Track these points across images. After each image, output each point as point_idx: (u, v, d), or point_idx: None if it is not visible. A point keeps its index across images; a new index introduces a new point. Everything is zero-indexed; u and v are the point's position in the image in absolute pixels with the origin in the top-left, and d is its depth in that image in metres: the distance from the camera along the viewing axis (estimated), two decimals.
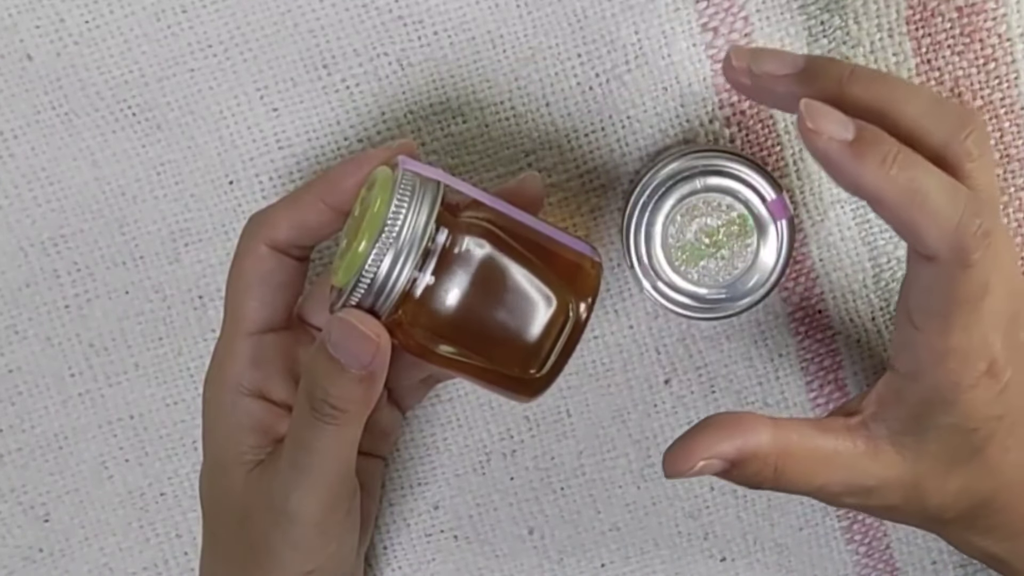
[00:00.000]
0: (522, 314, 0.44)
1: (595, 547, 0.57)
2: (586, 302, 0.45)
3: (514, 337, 0.44)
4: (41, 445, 0.56)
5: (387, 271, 0.43)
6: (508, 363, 0.45)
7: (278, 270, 0.48)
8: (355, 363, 0.44)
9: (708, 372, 0.56)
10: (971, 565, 0.58)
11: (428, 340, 0.44)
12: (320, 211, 0.47)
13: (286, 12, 0.52)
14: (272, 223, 0.47)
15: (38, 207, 0.54)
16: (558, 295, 0.44)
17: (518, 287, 0.44)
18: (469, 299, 0.44)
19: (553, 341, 0.45)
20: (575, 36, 0.52)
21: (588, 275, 0.45)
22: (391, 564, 0.57)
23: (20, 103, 0.52)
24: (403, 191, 0.43)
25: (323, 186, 0.47)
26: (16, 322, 0.55)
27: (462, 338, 0.44)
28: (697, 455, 0.45)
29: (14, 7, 0.51)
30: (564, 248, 0.45)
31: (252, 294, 0.48)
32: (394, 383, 0.52)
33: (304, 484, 0.46)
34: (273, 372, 0.48)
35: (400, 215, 0.43)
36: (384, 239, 0.42)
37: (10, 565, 0.57)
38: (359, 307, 0.44)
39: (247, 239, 0.48)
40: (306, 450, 0.45)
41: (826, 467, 0.46)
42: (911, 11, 0.52)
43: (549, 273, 0.44)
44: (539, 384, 0.45)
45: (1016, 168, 0.54)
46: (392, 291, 0.43)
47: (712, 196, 0.49)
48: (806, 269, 0.55)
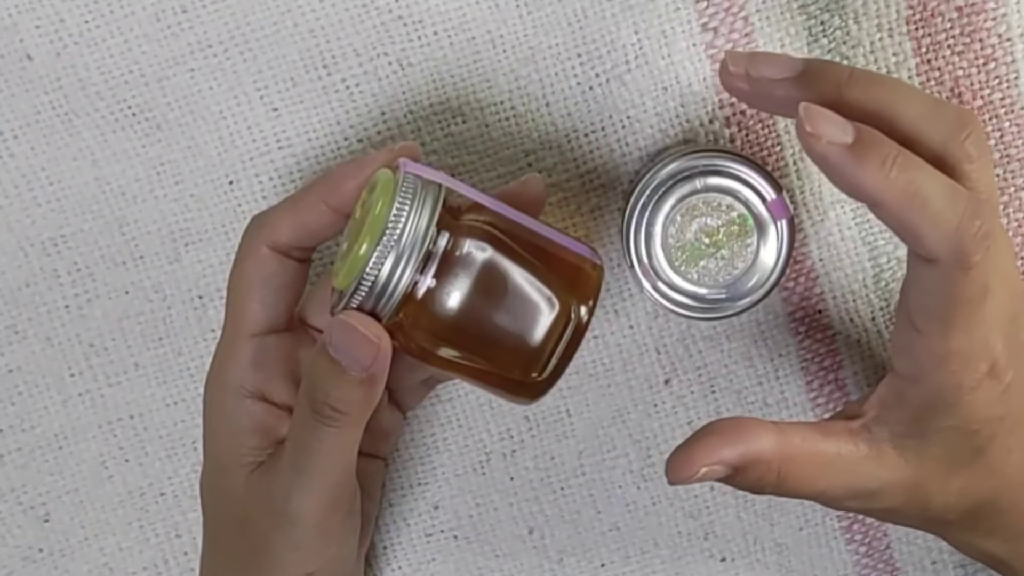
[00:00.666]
0: (523, 317, 0.44)
1: (595, 547, 0.57)
2: (587, 304, 0.45)
3: (515, 340, 0.44)
4: (41, 445, 0.56)
5: (388, 274, 0.43)
6: (509, 366, 0.45)
7: (279, 272, 0.48)
8: (356, 366, 0.44)
9: (708, 372, 0.56)
10: (971, 565, 0.58)
11: (429, 343, 0.44)
12: (321, 213, 0.47)
13: (286, 12, 0.52)
14: (273, 225, 0.47)
15: (38, 207, 0.54)
16: (559, 298, 0.44)
17: (519, 290, 0.44)
18: (470, 302, 0.44)
19: (554, 344, 0.45)
20: (575, 36, 0.52)
21: (589, 277, 0.45)
22: (391, 564, 0.57)
23: (20, 103, 0.52)
24: (405, 194, 0.43)
25: (324, 188, 0.47)
26: (16, 322, 0.55)
27: (463, 341, 0.44)
28: (699, 462, 0.45)
29: (14, 7, 0.51)
30: (565, 251, 0.45)
31: (253, 296, 0.48)
32: (395, 384, 0.52)
33: (305, 486, 0.46)
34: (274, 374, 0.48)
35: (402, 218, 0.43)
36: (386, 242, 0.42)
37: (10, 565, 0.57)
38: (360, 309, 0.44)
39: (248, 241, 0.48)
40: (307, 452, 0.45)
41: (828, 471, 0.46)
42: (911, 11, 0.52)
43: (550, 276, 0.44)
44: (540, 387, 0.45)
45: (1016, 168, 0.54)
46: (393, 294, 0.43)
47: (712, 196, 0.49)
48: (806, 269, 0.55)
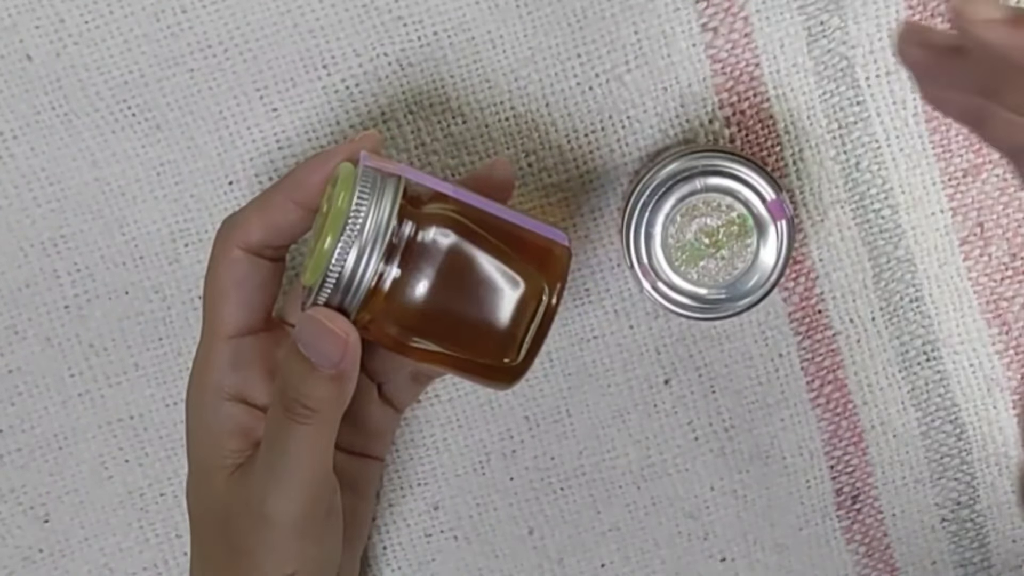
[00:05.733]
0: (491, 302, 0.44)
1: (595, 547, 0.57)
2: (556, 287, 0.45)
3: (485, 325, 0.44)
4: (41, 445, 0.56)
5: (352, 267, 0.43)
6: (482, 352, 0.45)
7: (253, 272, 0.48)
8: (325, 362, 0.44)
9: (708, 372, 0.56)
10: (971, 565, 0.58)
11: (401, 334, 0.44)
12: (289, 210, 0.47)
13: (286, 12, 0.52)
14: (243, 226, 0.47)
15: (38, 207, 0.54)
16: (527, 281, 0.44)
17: (486, 275, 0.44)
18: (437, 290, 0.44)
19: (525, 328, 0.45)
20: (575, 36, 0.52)
21: (557, 260, 0.45)
22: (391, 564, 0.57)
23: (20, 103, 0.52)
24: (364, 187, 0.43)
25: (290, 185, 0.47)
26: (16, 322, 0.55)
27: (434, 329, 0.44)
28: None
29: (14, 7, 0.51)
30: (532, 234, 0.45)
31: (228, 298, 0.48)
32: (382, 378, 0.52)
33: (280, 486, 0.46)
34: (253, 375, 0.48)
35: (362, 211, 0.43)
36: (347, 235, 0.43)
37: (10, 565, 0.57)
38: (328, 305, 0.44)
39: (220, 243, 0.48)
40: (281, 451, 0.45)
41: None
42: (911, 11, 0.52)
43: (517, 259, 0.44)
44: (516, 371, 0.46)
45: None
46: (359, 287, 0.43)
47: (712, 196, 0.49)
48: (806, 269, 0.55)
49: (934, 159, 0.54)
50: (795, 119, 0.53)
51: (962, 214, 0.55)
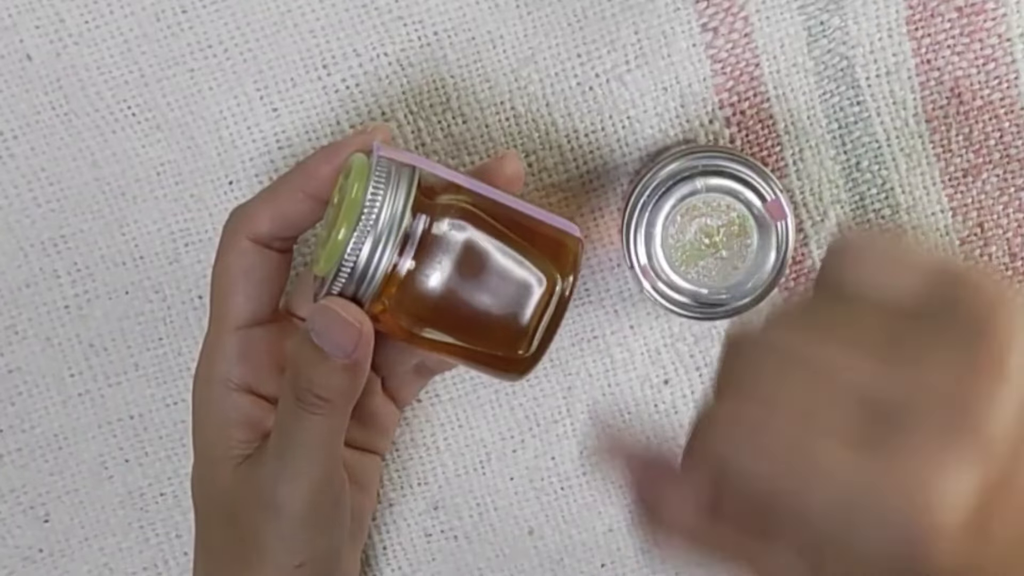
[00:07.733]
0: (505, 293, 0.44)
1: (595, 547, 0.57)
2: (569, 278, 0.45)
3: (499, 317, 0.44)
4: (41, 445, 0.56)
5: (367, 257, 0.43)
6: (495, 343, 0.45)
7: (261, 264, 0.48)
8: (339, 351, 0.44)
9: (708, 372, 0.56)
10: None
11: (413, 325, 0.44)
12: (299, 201, 0.47)
13: (286, 12, 0.52)
14: (253, 216, 0.47)
15: (38, 207, 0.54)
16: (541, 272, 0.44)
17: (500, 266, 0.44)
18: (451, 281, 0.44)
19: (538, 319, 0.45)
20: (575, 36, 0.52)
21: (570, 251, 0.45)
22: (391, 564, 0.57)
23: (20, 103, 0.52)
24: (379, 177, 0.43)
25: (300, 176, 0.47)
26: (16, 322, 0.55)
27: (447, 321, 0.44)
28: None
29: (14, 7, 0.51)
30: (544, 225, 0.45)
31: (237, 289, 0.48)
32: (387, 371, 0.52)
33: (290, 475, 0.46)
34: (260, 366, 0.48)
35: (377, 201, 0.43)
36: (363, 226, 0.43)
37: (10, 565, 0.57)
38: (341, 295, 0.44)
39: (229, 234, 0.48)
40: (292, 441, 0.45)
41: None
42: (911, 11, 0.52)
43: (531, 251, 0.44)
44: (527, 363, 0.46)
45: (1016, 168, 0.54)
46: (374, 277, 0.43)
47: (712, 196, 0.49)
48: (806, 269, 0.55)
49: (934, 159, 0.54)
50: (795, 119, 0.53)
51: (962, 214, 0.55)
